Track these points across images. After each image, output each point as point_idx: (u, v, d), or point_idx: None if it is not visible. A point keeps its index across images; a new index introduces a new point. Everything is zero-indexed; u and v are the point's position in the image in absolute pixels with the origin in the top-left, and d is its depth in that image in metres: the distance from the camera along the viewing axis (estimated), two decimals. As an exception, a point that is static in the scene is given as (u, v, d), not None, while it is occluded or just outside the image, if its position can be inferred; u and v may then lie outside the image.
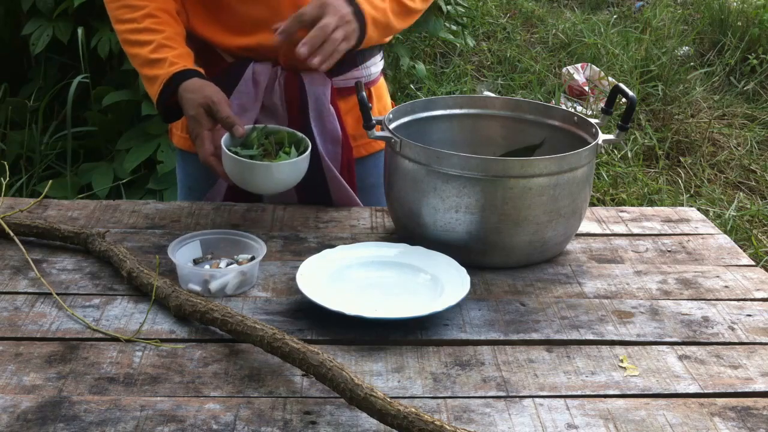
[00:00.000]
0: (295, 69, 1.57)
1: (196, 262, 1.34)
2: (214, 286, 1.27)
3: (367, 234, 1.50)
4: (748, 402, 1.06)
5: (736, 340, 1.21)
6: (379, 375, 1.10)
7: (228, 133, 1.45)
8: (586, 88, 4.68)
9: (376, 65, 1.69)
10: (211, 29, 1.59)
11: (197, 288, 1.27)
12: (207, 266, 1.32)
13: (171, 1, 1.56)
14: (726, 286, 1.36)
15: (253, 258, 1.33)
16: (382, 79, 1.75)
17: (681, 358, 1.16)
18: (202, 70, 1.51)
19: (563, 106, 2.77)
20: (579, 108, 4.53)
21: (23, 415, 0.99)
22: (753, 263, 1.45)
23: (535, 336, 1.20)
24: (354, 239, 1.47)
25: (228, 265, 1.32)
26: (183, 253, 1.32)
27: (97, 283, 1.31)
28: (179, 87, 1.46)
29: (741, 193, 4.01)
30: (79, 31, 3.11)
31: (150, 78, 1.50)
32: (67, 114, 3.17)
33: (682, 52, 5.26)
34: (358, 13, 1.45)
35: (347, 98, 1.63)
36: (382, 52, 1.72)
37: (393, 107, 1.53)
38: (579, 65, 4.93)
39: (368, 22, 1.47)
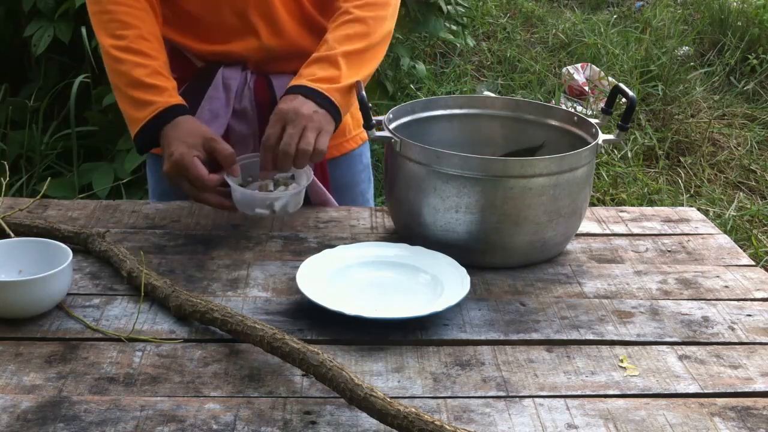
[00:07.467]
0: (265, 72, 1.58)
1: (241, 186, 1.41)
2: (278, 206, 1.38)
3: (367, 234, 1.50)
4: (748, 402, 1.06)
5: (736, 340, 1.21)
6: (379, 375, 1.10)
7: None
8: (586, 88, 4.68)
9: None
10: (182, 35, 1.58)
11: (264, 212, 1.37)
12: (255, 189, 1.40)
13: (157, 25, 1.50)
14: (726, 286, 1.36)
15: (293, 177, 1.41)
16: None
17: (681, 358, 1.16)
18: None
19: (563, 106, 2.77)
20: (579, 108, 4.53)
21: (23, 415, 0.99)
22: (753, 263, 1.45)
23: (535, 336, 1.20)
24: (354, 239, 1.47)
25: (275, 185, 1.40)
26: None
27: (97, 283, 1.31)
28: (175, 119, 1.42)
29: (741, 193, 4.01)
30: (83, 30, 3.11)
31: (140, 102, 1.43)
32: (71, 113, 3.17)
33: (682, 52, 5.26)
34: (318, 96, 1.39)
35: None
36: None
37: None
38: (579, 65, 4.93)
39: (335, 100, 1.40)
